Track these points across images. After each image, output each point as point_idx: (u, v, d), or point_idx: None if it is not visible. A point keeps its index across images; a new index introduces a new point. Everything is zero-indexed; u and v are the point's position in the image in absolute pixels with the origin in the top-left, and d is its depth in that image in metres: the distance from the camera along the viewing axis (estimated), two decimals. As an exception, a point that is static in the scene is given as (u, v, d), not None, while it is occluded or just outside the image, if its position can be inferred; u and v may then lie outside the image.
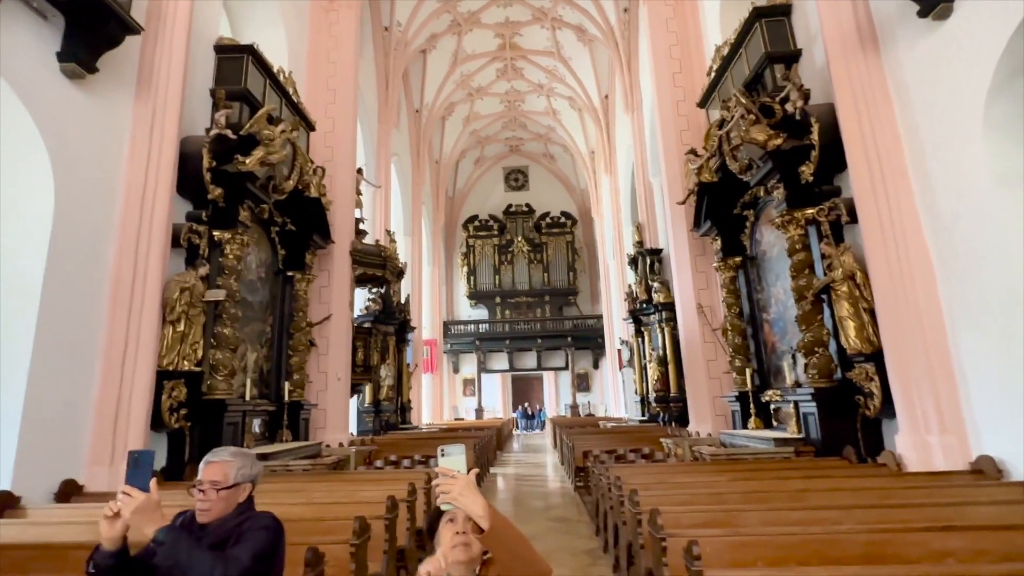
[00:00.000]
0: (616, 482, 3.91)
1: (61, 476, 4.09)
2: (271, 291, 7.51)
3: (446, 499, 1.19)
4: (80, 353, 4.38)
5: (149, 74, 5.36)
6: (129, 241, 4.88)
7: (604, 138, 19.55)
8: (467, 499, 1.16)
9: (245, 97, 6.66)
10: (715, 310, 8.03)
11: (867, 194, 4.93)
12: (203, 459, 1.76)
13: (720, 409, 7.48)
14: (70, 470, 4.18)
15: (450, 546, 1.23)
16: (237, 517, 1.70)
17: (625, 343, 14.98)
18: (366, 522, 2.60)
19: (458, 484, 1.18)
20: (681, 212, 8.61)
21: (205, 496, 1.67)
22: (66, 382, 4.23)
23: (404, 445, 8.61)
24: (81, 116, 4.57)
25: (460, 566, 1.24)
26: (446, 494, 1.18)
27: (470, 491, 1.17)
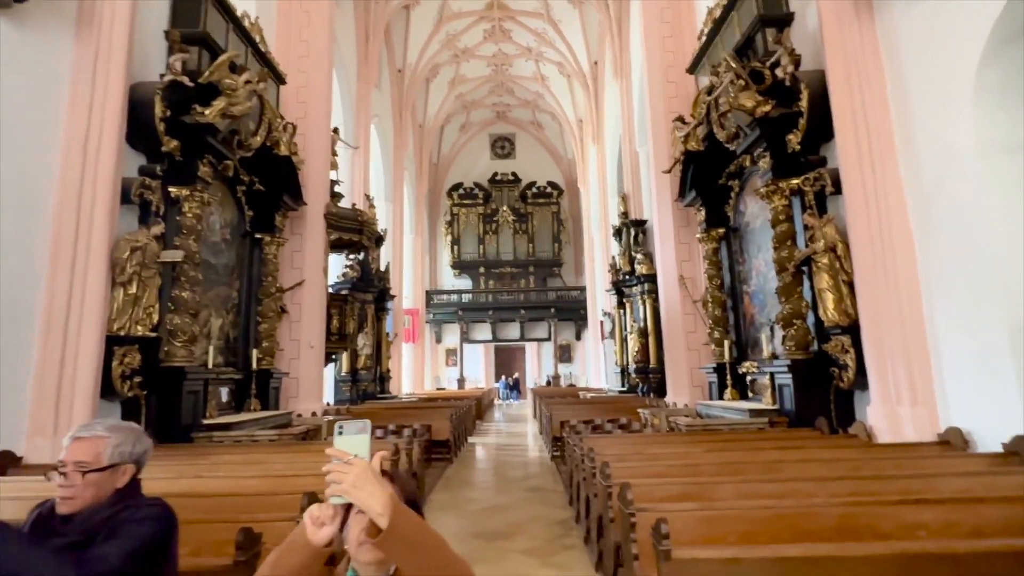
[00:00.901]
0: (589, 453, 3.81)
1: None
2: (237, 254, 7.16)
3: (336, 491, 0.92)
4: (13, 317, 4.04)
5: (91, 10, 4.86)
6: (71, 194, 4.48)
7: (592, 106, 19.07)
8: (362, 492, 0.90)
9: (204, 42, 6.16)
10: (696, 282, 7.93)
11: (853, 164, 4.85)
12: (68, 435, 1.45)
13: (698, 380, 7.46)
14: (6, 441, 3.92)
15: (356, 543, 0.98)
16: (111, 507, 1.36)
17: (607, 315, 14.96)
18: (317, 498, 2.43)
19: (351, 473, 0.91)
20: (666, 182, 8.40)
21: (68, 481, 1.34)
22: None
23: (379, 415, 8.49)
24: (10, 51, 4.12)
25: (369, 567, 1.02)
26: (337, 484, 0.92)
27: (366, 481, 0.91)
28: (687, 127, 7.39)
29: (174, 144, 5.47)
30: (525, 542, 4.00)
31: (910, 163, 4.46)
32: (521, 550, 3.83)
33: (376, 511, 0.89)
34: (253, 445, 4.97)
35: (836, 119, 5.02)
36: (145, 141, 5.36)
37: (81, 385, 4.35)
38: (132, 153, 5.39)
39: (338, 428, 1.01)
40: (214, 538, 2.04)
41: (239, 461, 4.07)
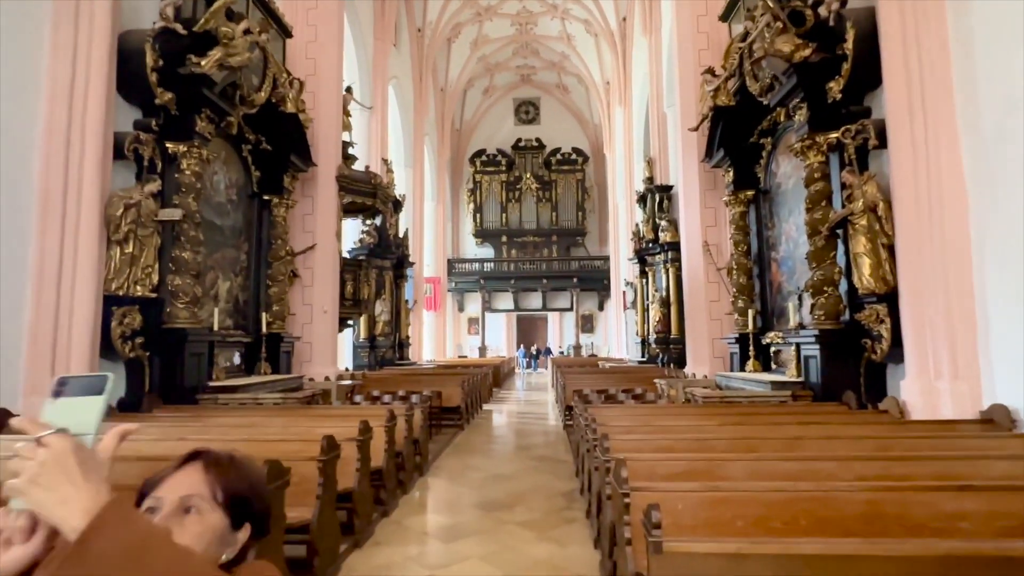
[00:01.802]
0: (592, 424, 3.57)
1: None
2: (245, 216, 7.04)
3: (12, 489, 0.58)
4: (2, 272, 3.97)
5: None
6: (57, 148, 4.31)
7: (620, 66, 18.11)
8: (45, 491, 0.56)
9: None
10: (721, 249, 7.46)
11: (902, 112, 4.38)
12: None
13: (719, 351, 7.09)
14: (2, 399, 3.92)
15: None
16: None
17: (630, 284, 14.52)
18: (281, 468, 2.27)
19: (36, 460, 0.57)
20: (693, 142, 7.83)
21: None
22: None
23: (392, 380, 8.45)
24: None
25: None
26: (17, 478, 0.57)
27: (55, 474, 0.56)
28: (717, 80, 6.79)
29: (168, 97, 5.26)
30: (524, 514, 3.83)
31: (968, 112, 3.98)
32: (519, 522, 3.66)
33: (67, 523, 0.55)
34: (255, 408, 4.92)
35: (885, 62, 4.54)
36: (138, 93, 5.17)
37: (77, 344, 4.31)
38: (126, 107, 5.23)
39: (55, 386, 0.65)
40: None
41: (233, 424, 4.00)
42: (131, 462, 2.82)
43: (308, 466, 2.75)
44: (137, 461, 2.82)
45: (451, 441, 6.73)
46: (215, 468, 0.76)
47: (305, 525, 2.57)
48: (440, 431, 7.21)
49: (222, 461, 0.78)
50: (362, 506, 3.25)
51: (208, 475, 0.74)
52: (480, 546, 3.25)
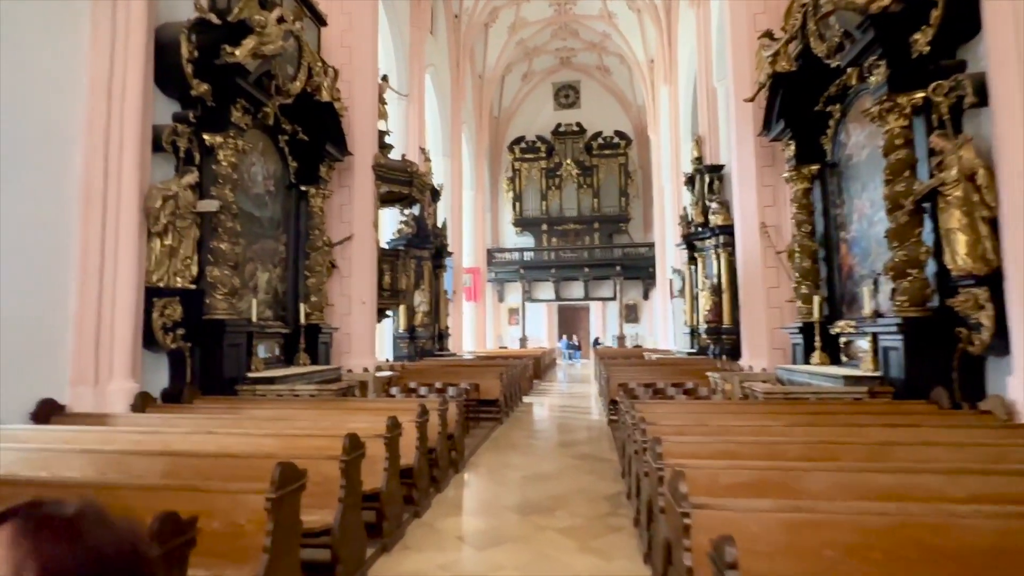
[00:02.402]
0: (640, 423, 3.21)
1: (37, 395, 3.88)
2: (283, 207, 7.03)
3: None
4: (45, 264, 4.03)
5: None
6: (97, 141, 4.36)
7: (665, 42, 17.21)
8: None
9: (233, -23, 5.80)
10: (781, 230, 6.82)
11: (1007, 61, 3.76)
12: None
13: (779, 342, 6.50)
14: (50, 389, 3.97)
15: None
16: None
17: (677, 272, 13.84)
18: (296, 471, 2.06)
19: None
20: (748, 114, 7.19)
21: None
22: (31, 295, 3.91)
23: (431, 372, 8.32)
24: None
25: None
26: None
27: None
28: (776, 44, 6.16)
29: (204, 88, 5.24)
30: (566, 519, 3.53)
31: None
32: (560, 528, 3.37)
33: None
34: (290, 400, 4.85)
35: (986, 4, 3.86)
36: (176, 86, 5.16)
37: (120, 336, 4.34)
38: (165, 100, 5.24)
39: None
40: (158, 508, 1.69)
41: (264, 417, 3.90)
42: (155, 457, 2.71)
43: (331, 465, 2.55)
44: (161, 456, 2.72)
45: (489, 435, 6.51)
46: (31, 539, 0.46)
47: (327, 529, 2.37)
48: (478, 424, 7.01)
49: (47, 527, 0.47)
50: (390, 507, 3.04)
51: (14, 552, 0.46)
52: (517, 555, 2.98)
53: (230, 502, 1.98)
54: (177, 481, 2.25)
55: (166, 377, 5.09)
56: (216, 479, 2.55)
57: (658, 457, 2.42)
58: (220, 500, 1.99)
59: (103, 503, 0.52)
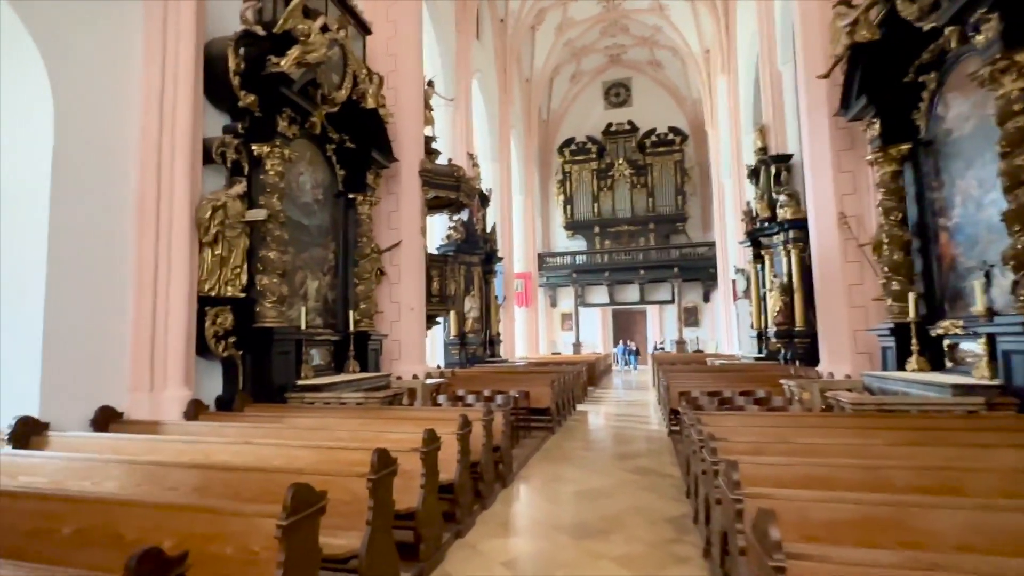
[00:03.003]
0: (708, 441, 2.80)
1: (98, 403, 3.98)
2: (331, 215, 7.08)
3: None
4: (105, 274, 4.16)
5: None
6: (150, 154, 4.50)
7: (722, 31, 16.32)
8: None
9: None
10: (863, 221, 6.08)
11: None
12: None
13: (864, 345, 5.76)
14: (108, 396, 4.07)
15: None
16: None
17: (741, 272, 12.93)
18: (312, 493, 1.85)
19: None
20: (821, 94, 6.50)
21: None
22: (92, 304, 4.03)
23: (480, 379, 8.11)
24: (78, 12, 4.11)
25: None
26: None
27: None
28: (854, 11, 5.49)
29: (251, 99, 5.34)
30: (623, 545, 3.15)
31: None
32: (616, 557, 3.00)
33: None
34: (336, 409, 4.77)
35: None
36: (225, 98, 5.28)
37: (173, 344, 4.42)
38: (216, 114, 5.38)
39: None
40: (173, 530, 1.52)
41: (306, 427, 3.80)
42: (188, 470, 2.63)
43: (361, 484, 2.34)
44: (193, 469, 2.62)
45: (540, 446, 6.19)
46: None
47: (352, 555, 2.16)
48: (528, 434, 6.71)
49: None
50: (428, 527, 2.81)
51: None
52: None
53: (245, 526, 1.81)
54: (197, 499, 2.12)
55: (220, 384, 5.18)
56: (244, 493, 2.42)
57: (735, 485, 2.02)
58: (234, 523, 1.81)
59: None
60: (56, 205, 3.80)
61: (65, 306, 3.81)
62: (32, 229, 3.75)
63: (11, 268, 3.80)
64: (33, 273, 3.71)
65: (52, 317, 3.72)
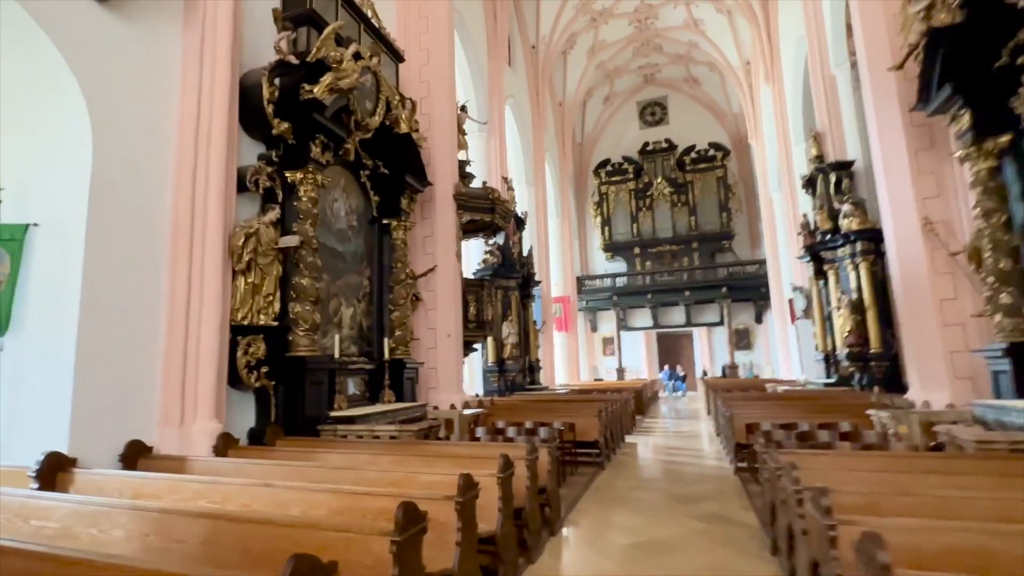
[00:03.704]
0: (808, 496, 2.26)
1: (127, 437, 3.82)
2: (366, 241, 6.94)
3: None
4: (139, 305, 4.06)
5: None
6: (185, 183, 4.47)
7: (763, 39, 15.78)
8: None
9: (312, 20, 5.93)
10: (952, 226, 5.37)
11: None
12: None
13: (964, 369, 4.97)
14: (138, 431, 3.91)
15: None
16: None
17: (799, 290, 12.03)
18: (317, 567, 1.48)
19: None
20: (891, 89, 5.91)
21: None
22: (124, 336, 3.92)
23: (521, 409, 7.66)
24: (117, 45, 4.14)
25: None
26: None
27: None
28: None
29: (285, 127, 5.30)
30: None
31: None
32: (693, 633, 2.47)
33: None
34: (368, 444, 4.45)
35: None
36: (259, 127, 5.26)
37: (204, 374, 4.25)
38: (251, 143, 5.36)
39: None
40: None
41: (334, 464, 3.48)
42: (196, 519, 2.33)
43: (384, 544, 1.96)
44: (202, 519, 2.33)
45: (589, 484, 5.63)
46: None
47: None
48: (575, 471, 6.17)
49: None
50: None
51: None
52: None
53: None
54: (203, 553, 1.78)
55: (253, 416, 4.98)
56: (254, 548, 2.12)
57: (869, 559, 1.51)
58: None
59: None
60: (92, 236, 3.76)
61: (98, 338, 3.70)
62: (68, 261, 3.70)
63: (45, 300, 3.74)
64: (67, 305, 3.63)
65: (85, 350, 3.61)
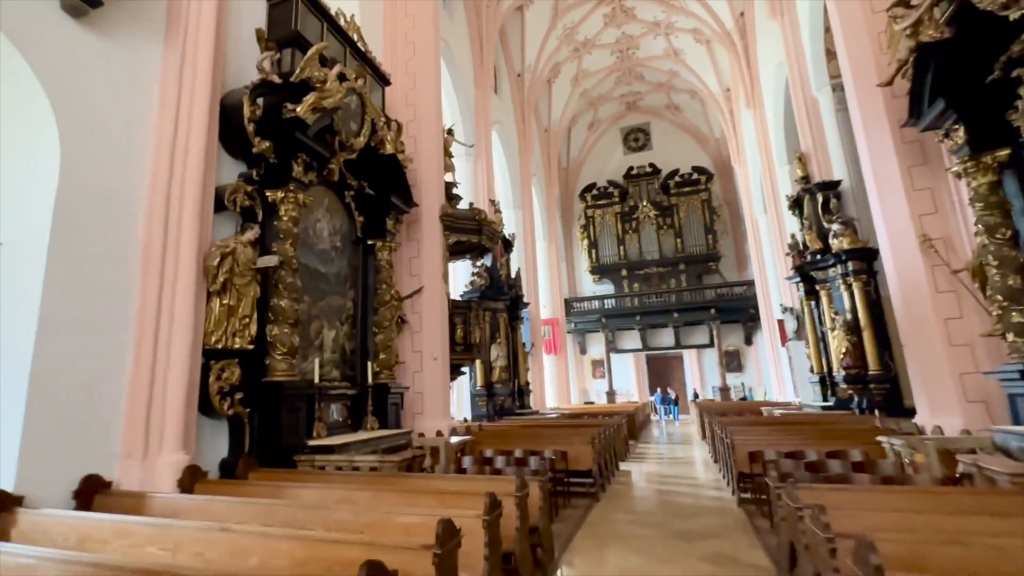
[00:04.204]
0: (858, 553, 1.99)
1: (84, 471, 3.44)
2: (350, 262, 6.65)
3: None
4: (104, 328, 3.74)
5: (178, 11, 4.66)
6: (159, 202, 4.20)
7: (743, 66, 16.15)
8: None
9: (297, 42, 5.80)
10: (952, 243, 5.27)
11: None
12: None
13: (976, 392, 4.79)
14: (96, 464, 3.53)
15: None
16: None
17: (789, 310, 11.96)
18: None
19: None
20: (879, 107, 5.91)
21: None
22: (86, 361, 3.59)
23: (510, 436, 7.30)
24: (93, 61, 3.96)
25: None
26: None
27: None
28: (915, 11, 4.96)
29: (266, 145, 5.09)
30: None
31: None
32: None
33: None
34: (347, 477, 4.08)
35: None
36: (240, 146, 5.07)
37: (173, 402, 3.91)
38: (232, 162, 5.15)
39: None
40: None
41: (306, 502, 3.13)
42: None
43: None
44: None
45: (584, 519, 5.28)
46: None
47: None
48: (568, 503, 5.81)
49: None
50: None
51: None
52: None
53: None
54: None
55: (226, 446, 4.58)
56: None
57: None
58: None
59: None
60: (54, 256, 3.47)
61: (55, 364, 3.37)
62: (27, 281, 3.39)
63: (2, 322, 3.38)
64: (22, 327, 3.31)
65: (40, 376, 3.28)
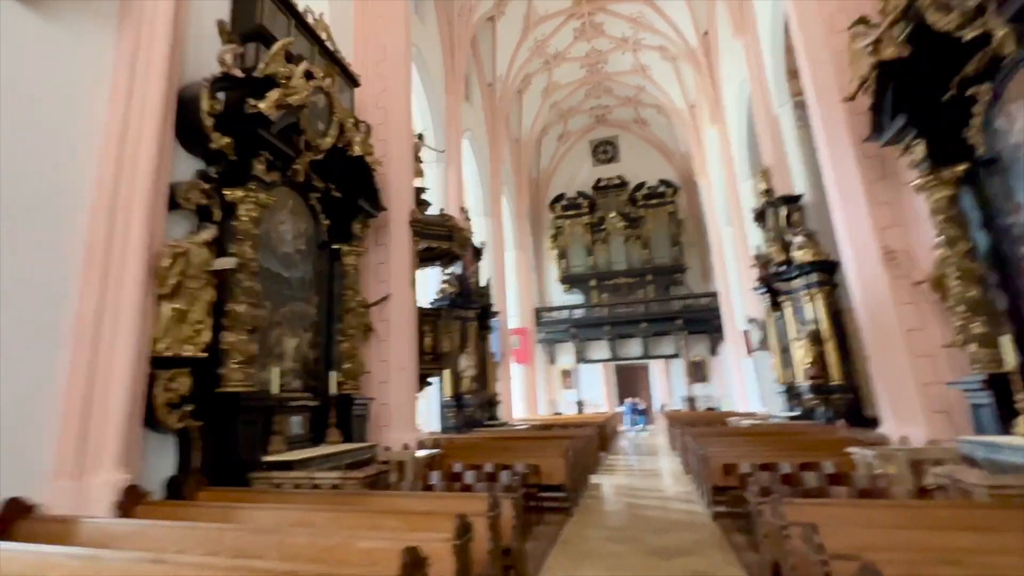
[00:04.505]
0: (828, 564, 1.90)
1: (7, 494, 3.05)
2: (315, 267, 6.35)
3: None
4: (35, 336, 3.38)
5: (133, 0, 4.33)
6: (104, 198, 3.85)
7: (707, 84, 16.63)
8: None
9: (261, 36, 5.53)
10: (913, 255, 5.44)
11: None
12: None
13: (939, 402, 4.92)
14: (21, 486, 3.14)
15: None
16: None
17: (754, 322, 12.23)
18: None
19: None
20: (840, 123, 6.10)
21: None
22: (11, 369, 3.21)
23: (480, 449, 7.08)
24: (37, 47, 3.63)
25: None
26: None
27: None
28: (875, 30, 5.14)
29: (225, 141, 4.79)
30: None
31: None
32: None
33: None
34: (306, 496, 3.78)
35: None
36: (198, 142, 4.75)
37: (113, 415, 3.54)
38: (191, 159, 4.82)
39: None
40: None
41: (258, 527, 2.83)
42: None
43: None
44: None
45: (557, 536, 5.11)
46: None
47: None
48: (541, 519, 5.63)
49: None
50: None
51: None
52: None
53: None
54: None
55: (174, 462, 4.20)
56: None
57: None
58: None
59: None
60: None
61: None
62: None
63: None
64: None
65: None
